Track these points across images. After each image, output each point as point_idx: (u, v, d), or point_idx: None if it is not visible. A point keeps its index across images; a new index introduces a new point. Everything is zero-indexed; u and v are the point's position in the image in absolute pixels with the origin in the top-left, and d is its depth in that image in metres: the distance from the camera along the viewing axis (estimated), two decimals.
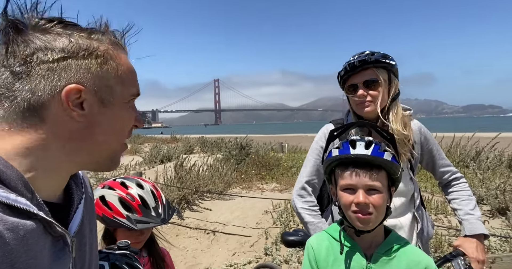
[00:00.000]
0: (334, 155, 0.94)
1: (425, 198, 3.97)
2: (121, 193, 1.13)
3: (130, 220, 1.08)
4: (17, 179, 0.49)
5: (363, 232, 0.91)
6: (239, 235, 3.77)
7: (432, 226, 1.38)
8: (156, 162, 7.15)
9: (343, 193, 0.92)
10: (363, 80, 1.23)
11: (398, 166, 0.92)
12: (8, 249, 0.44)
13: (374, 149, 0.89)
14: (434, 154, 1.37)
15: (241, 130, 46.44)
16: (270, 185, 5.51)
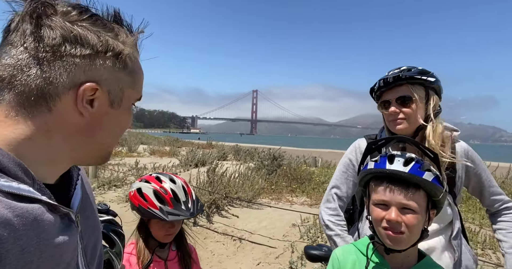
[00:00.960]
0: (369, 167, 0.92)
1: (472, 230, 3.64)
2: (156, 186, 1.22)
3: (162, 211, 1.16)
4: (16, 166, 0.49)
5: (393, 250, 0.87)
6: (265, 246, 3.76)
7: (474, 260, 1.26)
8: (191, 166, 7.43)
9: (375, 208, 0.89)
10: (396, 97, 1.19)
11: (441, 188, 0.85)
12: (18, 235, 0.45)
13: (413, 166, 0.85)
14: (483, 179, 1.28)
15: (275, 141, 46.34)
16: (300, 199, 5.44)
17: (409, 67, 1.21)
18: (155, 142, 16.69)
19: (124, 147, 12.39)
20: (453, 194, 1.24)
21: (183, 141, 16.58)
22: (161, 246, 1.29)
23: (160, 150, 11.40)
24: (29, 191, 0.48)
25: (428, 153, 0.95)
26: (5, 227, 0.43)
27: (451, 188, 1.23)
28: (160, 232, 1.25)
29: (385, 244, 0.88)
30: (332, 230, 1.29)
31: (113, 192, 5.81)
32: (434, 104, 1.21)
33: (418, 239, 0.87)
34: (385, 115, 1.25)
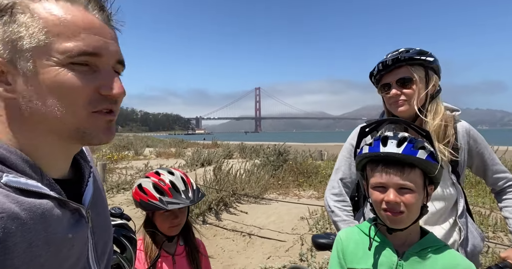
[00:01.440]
0: (364, 152, 0.93)
1: (482, 213, 3.61)
2: (154, 179, 1.26)
3: (162, 201, 1.20)
4: (23, 162, 0.49)
5: (395, 230, 0.89)
6: (275, 240, 3.78)
7: (481, 238, 1.26)
8: (197, 165, 7.47)
9: (373, 191, 0.90)
10: (396, 78, 1.19)
11: (435, 164, 0.87)
12: (26, 229, 0.45)
13: (406, 146, 0.85)
14: (486, 158, 1.27)
15: (280, 138, 46.30)
16: (307, 192, 5.45)
17: (407, 48, 1.20)
18: (160, 144, 16.82)
19: (130, 151, 12.51)
20: (457, 173, 1.24)
21: (188, 142, 16.68)
22: (169, 240, 1.31)
23: (166, 152, 11.49)
24: (37, 186, 0.49)
25: (420, 131, 0.95)
26: (13, 220, 0.44)
27: (454, 168, 1.23)
28: (165, 224, 1.27)
29: (386, 225, 0.89)
30: (338, 215, 1.30)
31: (122, 195, 5.88)
32: (434, 84, 1.20)
33: (419, 216, 0.88)
34: (386, 98, 1.25)
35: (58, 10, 0.48)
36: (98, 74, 0.51)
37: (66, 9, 0.49)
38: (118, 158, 9.79)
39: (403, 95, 1.19)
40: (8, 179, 0.46)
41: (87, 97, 0.50)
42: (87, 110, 0.50)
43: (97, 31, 0.50)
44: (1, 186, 0.45)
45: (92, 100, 0.50)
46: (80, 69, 0.49)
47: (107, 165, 7.72)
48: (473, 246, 1.22)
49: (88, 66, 0.50)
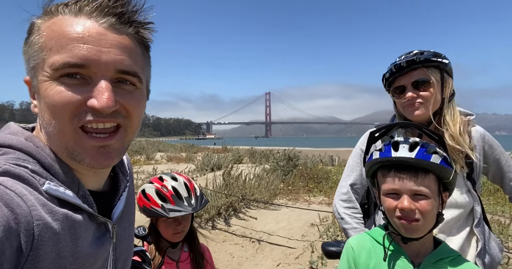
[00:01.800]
0: (374, 157, 0.89)
1: (502, 222, 3.46)
2: (157, 185, 1.24)
3: (164, 209, 1.18)
4: (65, 172, 0.51)
5: (411, 239, 0.85)
6: (284, 246, 3.72)
7: (500, 249, 1.20)
8: (207, 170, 7.48)
9: (386, 198, 0.86)
10: (411, 81, 1.14)
11: (450, 169, 0.83)
12: (57, 239, 0.46)
13: (419, 151, 0.83)
14: (503, 164, 1.21)
15: (290, 143, 46.07)
16: (317, 198, 5.36)
17: (421, 50, 1.17)
18: (171, 149, 16.98)
19: (142, 155, 12.67)
20: (472, 180, 1.18)
21: (199, 147, 16.78)
22: (173, 246, 1.29)
23: (177, 157, 11.59)
24: (73, 197, 0.50)
25: (432, 136, 0.92)
26: (47, 229, 0.45)
27: (470, 174, 1.18)
28: (168, 231, 1.25)
29: (401, 234, 0.85)
30: (348, 223, 1.25)
31: None
32: (449, 87, 1.16)
33: (434, 225, 0.85)
34: (399, 102, 1.20)
35: (59, 24, 0.49)
36: (90, 86, 0.48)
37: (66, 22, 0.49)
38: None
39: (419, 98, 1.14)
40: (49, 186, 0.48)
41: (73, 110, 0.48)
42: (73, 125, 0.49)
43: (89, 40, 0.48)
44: (42, 193, 0.47)
45: (78, 113, 0.48)
46: (69, 82, 0.48)
47: None
48: (491, 257, 1.15)
49: (82, 78, 0.48)
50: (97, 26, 0.49)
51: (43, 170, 0.49)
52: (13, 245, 0.41)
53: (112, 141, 0.52)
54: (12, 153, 0.48)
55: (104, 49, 0.48)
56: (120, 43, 0.51)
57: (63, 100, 0.47)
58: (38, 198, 0.46)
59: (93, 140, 0.50)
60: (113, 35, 0.50)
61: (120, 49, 0.50)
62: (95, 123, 0.49)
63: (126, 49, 0.51)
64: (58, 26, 0.48)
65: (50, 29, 0.48)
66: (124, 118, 0.52)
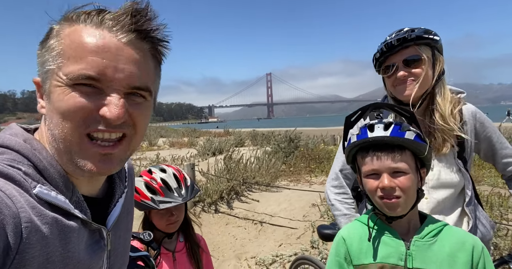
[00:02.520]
0: (352, 141, 0.90)
1: (503, 195, 3.46)
2: (146, 178, 1.25)
3: (154, 201, 1.19)
4: (59, 177, 0.51)
5: (394, 218, 0.86)
6: (286, 227, 3.78)
7: (491, 226, 1.20)
8: (208, 154, 7.52)
9: (367, 179, 0.87)
10: (403, 59, 1.11)
11: (424, 145, 0.85)
12: (45, 243, 0.45)
13: (393, 129, 0.84)
14: (494, 142, 1.20)
15: (293, 123, 45.93)
16: (319, 178, 5.39)
17: (412, 28, 1.12)
18: (174, 134, 17.04)
19: (144, 142, 12.74)
20: (463, 159, 1.17)
21: (201, 131, 16.81)
22: (168, 237, 1.30)
23: (179, 142, 11.63)
24: (64, 203, 0.50)
25: (404, 113, 0.91)
26: (35, 232, 0.44)
27: (461, 153, 1.16)
28: (161, 222, 1.26)
29: (384, 213, 0.87)
30: (338, 209, 1.25)
31: None
32: (440, 65, 1.13)
33: (416, 201, 0.86)
34: (390, 80, 1.17)
35: (79, 34, 0.50)
36: (103, 96, 0.50)
37: (86, 32, 0.50)
38: None
39: (411, 76, 1.12)
40: (40, 190, 0.48)
41: (84, 116, 0.49)
42: (79, 131, 0.50)
43: (108, 55, 0.49)
44: (32, 195, 0.47)
45: (87, 119, 0.50)
46: (84, 90, 0.49)
47: None
48: (482, 234, 1.16)
49: (95, 88, 0.50)
50: (116, 41, 0.50)
51: (36, 173, 0.49)
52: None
53: (116, 150, 0.53)
54: (9, 153, 0.49)
55: (120, 66, 0.50)
56: (136, 60, 0.52)
57: (76, 105, 0.48)
58: (28, 200, 0.46)
59: (98, 147, 0.51)
60: (130, 50, 0.51)
61: (136, 65, 0.52)
62: (102, 133, 0.50)
63: (141, 65, 0.53)
64: (78, 36, 0.49)
65: (69, 38, 0.50)
66: (131, 128, 0.54)
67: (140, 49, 0.53)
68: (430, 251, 0.84)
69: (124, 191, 0.64)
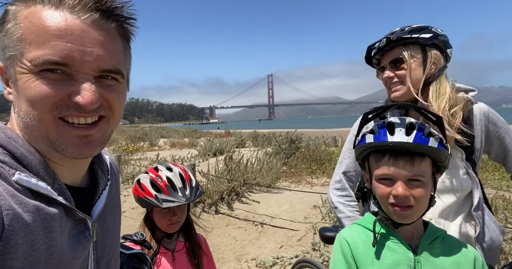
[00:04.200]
0: (368, 141, 0.83)
1: (507, 198, 3.41)
2: (152, 175, 1.22)
3: (157, 199, 1.17)
4: (39, 163, 0.50)
5: (402, 224, 0.82)
6: (287, 229, 3.74)
7: (501, 231, 1.16)
8: (209, 155, 7.49)
9: (378, 184, 0.82)
10: (389, 60, 1.12)
11: (446, 152, 0.80)
12: (29, 230, 0.45)
13: (416, 135, 0.78)
14: (507, 143, 1.15)
15: (294, 124, 45.87)
16: (320, 180, 5.35)
17: (403, 27, 1.12)
18: (175, 134, 17.02)
19: (145, 142, 12.72)
20: (472, 161, 1.12)
21: (202, 132, 16.79)
22: (168, 237, 1.28)
23: (180, 142, 11.61)
24: (45, 189, 0.48)
25: (430, 117, 0.86)
26: (17, 220, 0.43)
27: (470, 156, 1.12)
28: (163, 221, 1.24)
29: (392, 219, 0.83)
30: (341, 212, 1.21)
31: None
32: (433, 62, 1.09)
33: (427, 208, 0.83)
34: (383, 82, 1.18)
35: (38, 16, 0.47)
36: (73, 81, 0.48)
37: (46, 14, 0.47)
38: (133, 149, 9.97)
39: (395, 77, 1.12)
40: (19, 177, 0.46)
41: (54, 102, 0.48)
42: (52, 115, 0.48)
43: (73, 38, 0.47)
44: (12, 183, 0.46)
45: (59, 105, 0.48)
46: (51, 76, 0.47)
47: (122, 156, 7.88)
48: (491, 240, 1.11)
49: (63, 73, 0.48)
50: (79, 22, 0.48)
51: (13, 161, 0.48)
52: None
53: (93, 130, 0.51)
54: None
55: (87, 49, 0.48)
56: (103, 41, 0.50)
57: (44, 94, 0.46)
58: (6, 189, 0.45)
59: (75, 129, 0.50)
60: (96, 32, 0.49)
61: (103, 47, 0.50)
62: (77, 118, 0.49)
63: (109, 48, 0.51)
64: (37, 19, 0.46)
65: (28, 21, 0.47)
66: (107, 110, 0.53)
67: (106, 30, 0.50)
68: (436, 257, 0.81)
69: (107, 183, 0.64)
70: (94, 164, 0.64)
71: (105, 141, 0.55)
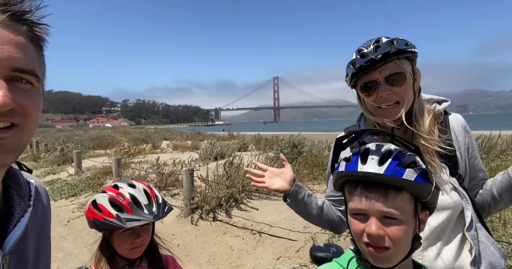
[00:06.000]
0: (340, 169, 0.75)
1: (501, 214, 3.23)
2: (111, 193, 1.10)
3: (119, 219, 1.04)
4: None
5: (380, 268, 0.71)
6: (285, 239, 3.61)
7: (502, 255, 1.02)
8: (210, 159, 7.39)
9: (353, 219, 0.72)
10: (385, 75, 0.98)
11: (428, 186, 0.68)
12: None
13: (390, 165, 0.67)
14: (477, 155, 1.09)
15: (299, 127, 45.65)
16: (322, 186, 5.20)
17: (390, 39, 0.99)
18: (178, 136, 16.99)
19: (148, 144, 12.69)
20: (458, 176, 1.02)
21: (205, 134, 16.72)
22: (131, 264, 1.13)
23: (183, 145, 11.54)
24: None
25: (408, 145, 0.75)
26: None
27: (454, 169, 1.02)
28: (125, 245, 1.09)
29: (369, 261, 0.71)
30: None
31: None
32: (419, 80, 1.03)
33: (410, 251, 0.70)
34: (371, 99, 1.03)
35: None
36: None
37: None
38: (135, 152, 9.92)
39: (394, 95, 0.99)
40: None
41: None
42: None
43: None
44: None
45: None
46: None
47: (123, 159, 7.82)
48: (490, 265, 0.98)
49: None
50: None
51: None
52: None
53: (7, 134, 0.48)
54: None
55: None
56: (14, 41, 0.48)
57: None
58: None
59: None
60: (5, 31, 0.47)
61: (15, 46, 0.48)
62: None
63: (21, 47, 0.49)
64: None
65: None
66: (21, 117, 0.50)
67: (17, 31, 0.49)
68: None
69: (26, 209, 0.57)
70: (10, 187, 0.58)
71: (20, 150, 0.51)
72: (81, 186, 6.56)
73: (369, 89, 1.02)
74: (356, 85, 1.06)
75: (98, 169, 7.46)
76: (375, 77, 1.00)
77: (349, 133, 0.83)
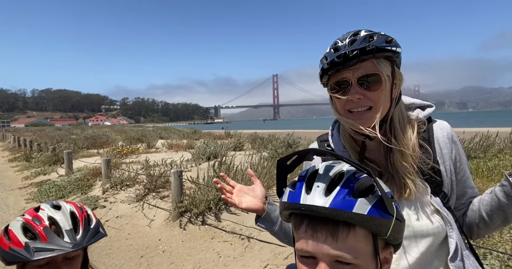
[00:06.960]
0: (283, 199, 0.60)
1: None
2: (28, 217, 0.91)
3: (28, 249, 0.84)
4: None
5: None
6: (274, 244, 3.44)
7: None
8: (203, 159, 7.21)
9: (300, 263, 0.57)
10: (358, 76, 0.81)
11: (386, 219, 0.53)
12: None
13: (338, 194, 0.53)
14: (466, 169, 0.92)
15: (298, 125, 45.45)
16: None
17: (369, 33, 0.81)
18: (175, 135, 16.78)
19: (142, 143, 12.50)
20: (443, 195, 0.86)
21: (201, 133, 16.52)
22: None
23: (178, 144, 11.34)
24: None
25: (358, 168, 0.58)
26: None
27: (438, 187, 0.86)
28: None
29: None
30: None
31: (125, 192, 5.74)
32: (399, 84, 0.86)
33: None
34: (341, 101, 0.85)
35: None
36: None
37: None
38: (128, 152, 9.73)
39: (366, 100, 0.82)
40: None
41: None
42: None
43: None
44: None
45: None
46: None
47: (113, 160, 7.63)
48: None
49: None
50: None
51: None
52: None
53: None
54: None
55: None
56: None
57: None
58: None
59: None
60: None
61: None
62: None
63: None
64: None
65: None
66: None
67: None
68: None
69: None
70: None
71: None
72: (69, 187, 6.38)
73: (341, 89, 0.84)
74: (328, 83, 0.88)
75: (88, 170, 7.28)
76: (347, 76, 0.82)
77: (292, 154, 0.67)
